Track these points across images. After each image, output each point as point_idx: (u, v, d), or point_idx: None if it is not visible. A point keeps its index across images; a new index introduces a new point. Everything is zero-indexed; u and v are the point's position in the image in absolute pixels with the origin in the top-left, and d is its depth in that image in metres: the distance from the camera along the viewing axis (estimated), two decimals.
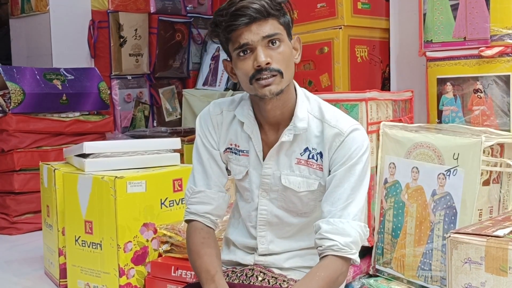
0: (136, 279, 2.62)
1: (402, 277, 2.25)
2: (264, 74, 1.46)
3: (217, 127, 1.66)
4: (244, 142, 1.63)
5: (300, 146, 1.57)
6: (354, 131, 1.53)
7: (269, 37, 1.46)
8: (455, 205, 2.08)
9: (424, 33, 2.50)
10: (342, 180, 1.51)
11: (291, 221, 1.64)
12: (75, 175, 2.75)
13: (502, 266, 1.52)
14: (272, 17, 1.47)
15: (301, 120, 1.55)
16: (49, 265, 3.09)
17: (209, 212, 1.66)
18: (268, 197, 1.63)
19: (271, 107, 1.53)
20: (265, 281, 1.61)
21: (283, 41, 1.49)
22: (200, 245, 1.61)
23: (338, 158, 1.52)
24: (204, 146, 1.67)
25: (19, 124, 4.04)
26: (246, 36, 1.46)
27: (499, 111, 2.29)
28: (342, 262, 1.49)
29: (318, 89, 3.07)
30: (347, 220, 1.49)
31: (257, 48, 1.46)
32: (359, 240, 1.51)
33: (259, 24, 1.46)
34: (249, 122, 1.59)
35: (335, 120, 1.55)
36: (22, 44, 5.12)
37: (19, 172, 4.10)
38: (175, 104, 5.61)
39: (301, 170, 1.58)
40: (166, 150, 2.95)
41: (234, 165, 1.66)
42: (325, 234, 1.49)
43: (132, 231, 2.60)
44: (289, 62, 1.50)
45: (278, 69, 1.47)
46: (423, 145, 2.21)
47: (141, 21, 5.23)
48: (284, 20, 1.51)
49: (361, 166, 1.52)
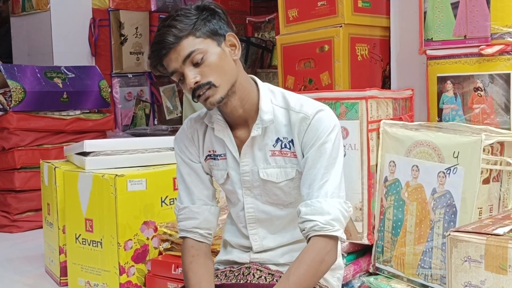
0: (136, 277, 2.62)
1: (402, 275, 2.26)
2: (200, 91, 1.51)
3: (192, 141, 1.69)
4: (220, 147, 1.65)
5: (271, 138, 1.60)
6: (319, 112, 1.56)
7: (188, 57, 1.49)
8: (455, 204, 2.08)
9: (424, 31, 2.50)
10: (314, 161, 1.54)
11: (279, 214, 1.66)
12: (75, 173, 2.75)
13: (502, 264, 1.52)
14: (185, 37, 1.49)
15: (266, 113, 1.58)
16: (50, 263, 3.10)
17: (197, 226, 1.68)
18: (252, 194, 1.65)
19: (231, 109, 1.57)
20: (262, 278, 1.63)
21: (205, 52, 1.50)
22: (188, 265, 1.64)
23: (308, 141, 1.55)
24: (183, 162, 1.70)
25: (20, 122, 4.05)
26: (171, 65, 1.52)
27: (499, 110, 2.29)
28: (326, 241, 1.50)
29: (319, 87, 3.07)
30: (324, 199, 1.51)
31: (184, 71, 1.50)
32: (341, 217, 1.52)
33: (175, 49, 1.49)
34: (219, 126, 1.62)
35: (299, 105, 1.58)
36: (23, 42, 5.13)
37: (20, 170, 4.11)
38: (175, 102, 5.61)
39: (277, 161, 1.60)
40: (166, 148, 2.95)
41: (216, 171, 1.69)
42: (305, 216, 1.51)
43: (133, 229, 2.61)
44: (221, 68, 1.52)
45: (207, 82, 1.50)
46: (423, 144, 2.21)
47: (141, 19, 5.23)
48: (202, 31, 1.51)
49: (330, 144, 1.54)
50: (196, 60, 1.49)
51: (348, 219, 1.57)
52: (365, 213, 2.35)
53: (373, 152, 2.36)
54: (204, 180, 1.71)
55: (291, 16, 3.23)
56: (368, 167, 2.34)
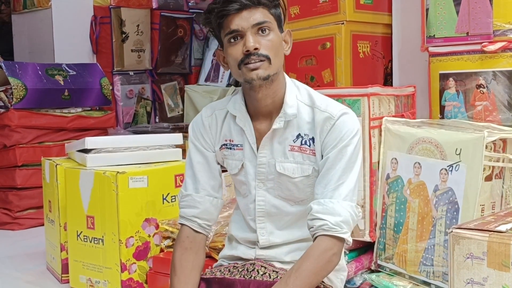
0: (138, 274, 2.62)
1: (404, 273, 2.25)
2: (252, 59, 1.50)
3: (209, 129, 1.69)
4: (238, 136, 1.65)
5: (292, 133, 1.60)
6: (344, 115, 1.56)
7: (259, 25, 1.51)
8: (457, 201, 2.08)
9: (426, 28, 2.49)
10: (333, 162, 1.54)
11: (289, 210, 1.65)
12: (77, 170, 2.75)
13: (504, 261, 1.52)
14: (263, 6, 1.53)
15: (291, 107, 1.58)
16: (51, 260, 3.10)
17: (196, 215, 1.68)
18: (265, 187, 1.64)
19: (262, 96, 1.56)
20: (266, 275, 1.62)
21: (272, 29, 1.54)
22: (179, 256, 1.65)
23: (330, 142, 1.55)
24: (196, 149, 1.70)
25: (21, 119, 4.05)
26: (236, 22, 1.51)
27: (501, 107, 2.29)
28: (333, 241, 1.51)
29: (320, 85, 3.07)
30: (338, 200, 1.52)
31: (247, 34, 1.51)
32: (350, 220, 1.53)
33: (250, 11, 1.51)
34: (241, 115, 1.62)
35: (325, 105, 1.58)
36: (24, 40, 5.13)
37: (21, 168, 4.11)
38: (177, 100, 5.60)
39: (295, 156, 1.60)
40: (168, 145, 2.95)
41: (230, 160, 1.68)
42: (316, 214, 1.52)
43: (134, 226, 2.61)
44: (278, 50, 1.55)
45: (266, 54, 1.51)
46: (426, 141, 2.21)
47: (143, 16, 5.22)
48: (275, 11, 1.56)
49: (352, 147, 1.55)
50: (264, 31, 1.52)
51: (356, 223, 1.58)
52: (367, 210, 2.35)
53: (375, 149, 2.36)
54: (213, 170, 1.70)
55: (292, 13, 3.23)
56: (370, 164, 2.34)
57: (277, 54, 1.54)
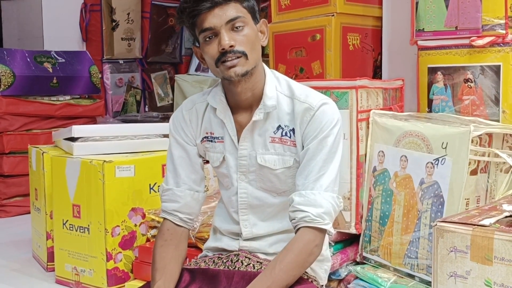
0: (123, 263, 2.62)
1: (388, 265, 2.26)
2: (228, 57, 1.50)
3: (189, 122, 1.68)
4: (219, 129, 1.65)
5: (273, 124, 1.60)
6: (324, 105, 1.56)
7: (232, 21, 1.50)
8: (443, 194, 2.08)
9: (416, 21, 2.49)
10: (314, 153, 1.54)
11: (271, 201, 1.66)
12: (63, 158, 2.74)
13: (487, 255, 1.53)
14: (234, 1, 1.51)
15: (270, 98, 1.58)
16: (37, 248, 3.09)
17: (177, 210, 1.68)
18: (247, 179, 1.65)
19: (241, 90, 1.56)
20: (250, 265, 1.63)
21: (247, 23, 1.53)
22: (158, 248, 1.65)
23: (310, 132, 1.56)
24: (176, 143, 1.69)
25: (9, 106, 4.03)
26: (209, 21, 1.50)
27: (488, 101, 2.29)
28: (315, 233, 1.51)
29: (310, 76, 3.06)
30: (319, 192, 1.52)
31: (221, 31, 1.50)
32: (332, 211, 1.53)
33: (221, 8, 1.50)
34: (221, 108, 1.62)
35: (304, 95, 1.58)
36: (14, 26, 5.08)
37: (9, 155, 4.09)
38: (167, 89, 5.59)
39: (276, 148, 1.60)
40: (155, 135, 2.95)
41: (212, 153, 1.68)
42: (297, 206, 1.52)
43: (120, 216, 2.60)
44: (254, 44, 1.54)
45: (242, 50, 1.50)
46: (412, 134, 2.21)
47: (133, 5, 5.19)
48: (248, 4, 1.55)
49: (332, 138, 1.55)
50: (238, 27, 1.50)
51: (338, 213, 1.58)
52: (353, 202, 2.35)
53: (362, 141, 2.36)
54: (194, 164, 1.70)
55: (283, 4, 3.22)
56: (357, 157, 2.34)
57: (253, 48, 1.53)
